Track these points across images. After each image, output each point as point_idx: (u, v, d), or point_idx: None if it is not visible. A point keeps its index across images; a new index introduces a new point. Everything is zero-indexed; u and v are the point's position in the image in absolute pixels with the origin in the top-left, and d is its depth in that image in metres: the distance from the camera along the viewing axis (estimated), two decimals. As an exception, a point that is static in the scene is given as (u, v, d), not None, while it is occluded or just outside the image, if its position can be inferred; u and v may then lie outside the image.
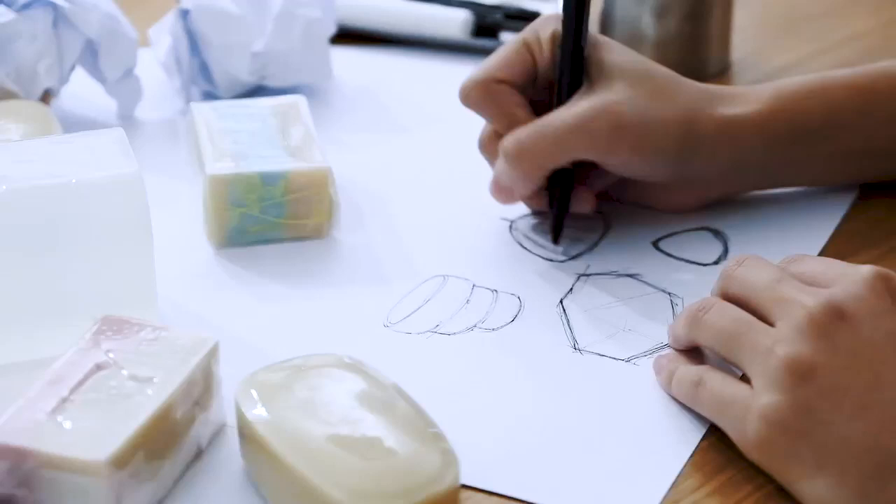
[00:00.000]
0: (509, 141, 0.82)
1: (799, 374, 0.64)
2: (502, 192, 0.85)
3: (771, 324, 0.67)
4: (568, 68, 0.83)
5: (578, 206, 0.85)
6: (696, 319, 0.71)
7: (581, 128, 0.81)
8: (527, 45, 0.84)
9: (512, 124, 0.83)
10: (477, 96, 0.84)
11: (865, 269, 0.67)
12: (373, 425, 0.64)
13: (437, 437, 0.64)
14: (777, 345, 0.65)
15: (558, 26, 0.83)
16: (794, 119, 0.85)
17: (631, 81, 0.82)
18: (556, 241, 0.84)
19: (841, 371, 0.64)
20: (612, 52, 0.83)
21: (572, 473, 0.67)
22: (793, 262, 0.71)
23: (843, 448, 0.63)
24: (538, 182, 0.83)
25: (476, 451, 0.68)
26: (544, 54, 0.84)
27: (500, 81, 0.83)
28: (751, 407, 0.65)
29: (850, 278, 0.66)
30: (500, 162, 0.83)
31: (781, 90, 0.85)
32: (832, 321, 0.65)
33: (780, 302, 0.67)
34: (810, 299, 0.66)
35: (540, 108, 0.83)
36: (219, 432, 0.70)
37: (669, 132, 0.82)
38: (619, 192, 0.87)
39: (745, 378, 0.68)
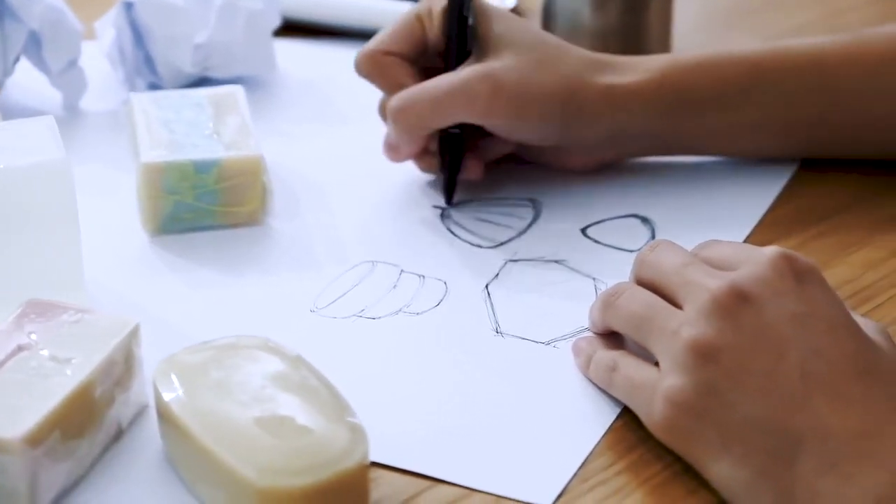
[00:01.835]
0: (393, 100, 0.87)
1: (702, 356, 0.65)
2: (390, 149, 0.90)
3: (680, 307, 0.68)
4: (454, 38, 0.87)
5: (467, 173, 0.89)
6: (608, 304, 0.72)
7: (460, 90, 0.85)
8: (418, 18, 0.88)
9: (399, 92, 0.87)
10: (366, 68, 0.89)
11: (769, 251, 0.68)
12: (285, 405, 0.65)
13: (349, 416, 0.65)
14: (682, 327, 0.66)
15: None
16: (682, 90, 0.88)
17: (517, 51, 0.86)
18: (449, 201, 0.89)
19: (744, 352, 0.65)
20: (501, 23, 0.87)
21: (486, 452, 0.69)
22: (704, 247, 0.72)
23: (747, 428, 0.64)
24: (419, 141, 0.88)
25: (394, 431, 0.69)
26: (434, 26, 0.88)
27: (389, 53, 0.88)
28: (657, 389, 0.67)
29: (755, 260, 0.67)
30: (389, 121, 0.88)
31: (675, 61, 0.89)
32: (735, 303, 0.66)
33: (686, 285, 0.68)
34: (714, 282, 0.67)
35: (435, 76, 0.87)
36: (141, 413, 0.71)
37: (551, 99, 0.86)
38: (519, 150, 0.91)
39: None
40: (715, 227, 0.86)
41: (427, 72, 0.88)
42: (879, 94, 0.89)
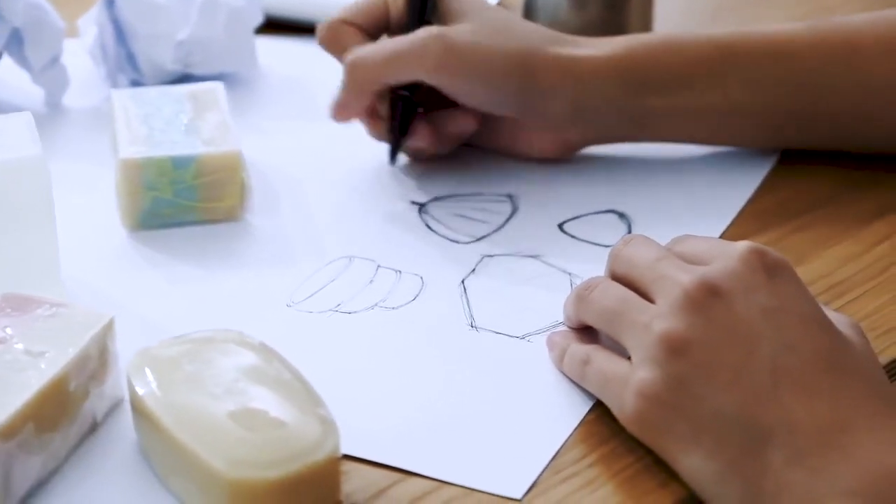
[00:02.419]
0: (348, 56, 0.89)
1: (673, 349, 0.66)
2: (339, 108, 0.91)
3: (652, 301, 0.68)
4: (414, 9, 0.89)
5: (416, 140, 0.91)
6: (582, 298, 0.73)
7: (412, 48, 0.87)
8: None
9: None
10: (325, 37, 0.91)
11: (741, 245, 0.68)
12: (258, 398, 0.65)
13: (320, 409, 0.65)
14: (654, 321, 0.67)
15: None
16: (647, 67, 0.88)
17: (473, 19, 0.89)
18: (392, 161, 0.92)
19: (714, 345, 0.65)
20: None
21: (459, 445, 0.69)
22: (678, 242, 0.72)
23: (717, 421, 0.64)
24: (368, 98, 0.90)
25: (366, 424, 0.70)
26: (398, 4, 0.90)
27: (349, 23, 0.90)
28: (628, 382, 0.67)
29: (727, 255, 0.68)
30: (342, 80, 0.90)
31: (640, 38, 0.90)
32: (706, 297, 0.66)
33: (658, 279, 0.68)
34: (686, 276, 0.67)
35: None
36: (116, 407, 0.71)
37: (504, 63, 0.88)
38: (477, 137, 0.92)
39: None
40: (692, 223, 0.86)
41: None
42: (851, 85, 0.88)
